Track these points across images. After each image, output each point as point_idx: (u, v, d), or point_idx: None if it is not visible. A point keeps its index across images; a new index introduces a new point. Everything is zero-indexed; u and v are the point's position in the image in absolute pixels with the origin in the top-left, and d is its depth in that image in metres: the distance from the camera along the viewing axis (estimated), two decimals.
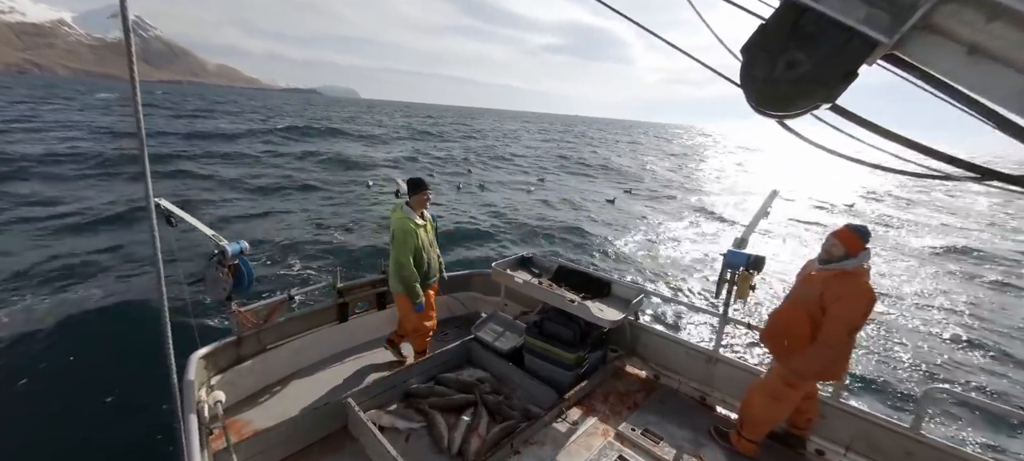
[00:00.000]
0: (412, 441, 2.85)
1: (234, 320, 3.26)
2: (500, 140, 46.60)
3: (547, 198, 18.02)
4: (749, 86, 1.08)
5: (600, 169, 29.45)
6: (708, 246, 12.66)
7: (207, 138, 29.04)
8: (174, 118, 42.08)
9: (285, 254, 9.53)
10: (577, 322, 3.28)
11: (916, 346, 7.03)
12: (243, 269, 3.09)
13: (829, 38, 0.96)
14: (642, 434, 2.96)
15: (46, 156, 18.21)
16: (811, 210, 19.03)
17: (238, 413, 3.10)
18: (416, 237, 3.46)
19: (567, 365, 3.26)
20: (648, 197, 20.56)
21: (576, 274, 3.91)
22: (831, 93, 1.00)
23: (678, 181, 27.04)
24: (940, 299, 9.15)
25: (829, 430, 2.91)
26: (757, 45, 1.06)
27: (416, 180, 3.56)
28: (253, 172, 18.88)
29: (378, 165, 23.33)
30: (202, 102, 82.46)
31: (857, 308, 2.34)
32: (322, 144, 30.21)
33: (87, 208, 12.02)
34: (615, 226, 14.33)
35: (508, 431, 2.84)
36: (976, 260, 12.38)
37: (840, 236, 2.44)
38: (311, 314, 3.84)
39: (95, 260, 8.68)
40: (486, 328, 3.87)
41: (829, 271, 2.45)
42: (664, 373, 3.66)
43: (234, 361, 3.30)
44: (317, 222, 12.26)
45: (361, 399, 2.96)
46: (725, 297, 3.19)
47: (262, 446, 2.59)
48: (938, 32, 0.90)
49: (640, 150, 49.82)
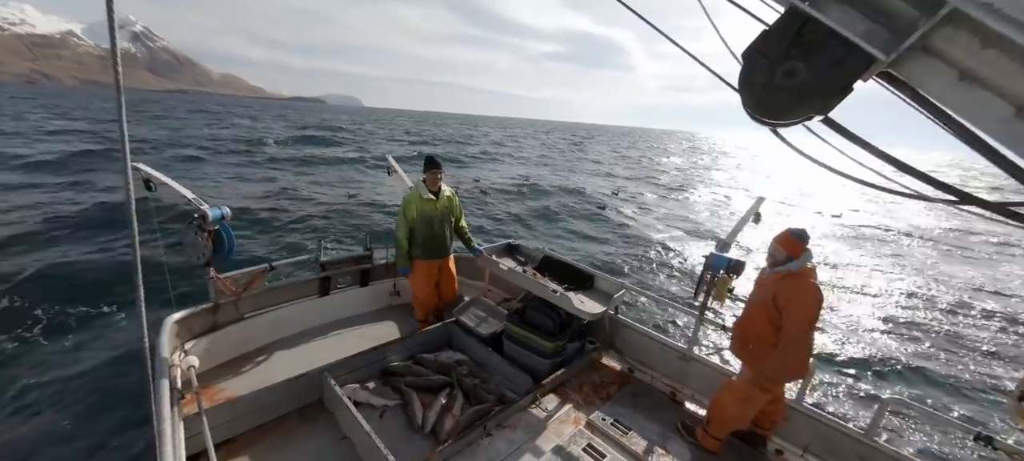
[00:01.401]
0: (386, 418, 2.87)
1: (212, 286, 3.19)
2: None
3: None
4: (747, 91, 1.09)
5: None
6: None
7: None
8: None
9: (269, 226, 9.34)
10: (558, 312, 3.32)
11: (885, 351, 7.35)
12: (224, 236, 3.01)
13: (829, 50, 0.97)
14: (612, 424, 3.04)
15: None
16: (804, 218, 19.41)
17: (212, 380, 3.06)
18: (415, 209, 3.68)
19: (545, 353, 3.30)
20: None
21: (561, 265, 3.94)
22: (826, 105, 1.02)
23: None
24: (920, 311, 9.50)
25: (789, 431, 3.03)
26: (758, 50, 1.06)
27: (429, 158, 3.77)
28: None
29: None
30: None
31: (809, 306, 2.51)
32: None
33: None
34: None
35: (482, 413, 2.87)
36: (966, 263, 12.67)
37: (780, 241, 2.64)
38: (292, 286, 3.79)
39: (69, 214, 8.36)
40: (468, 312, 3.88)
41: (777, 274, 2.62)
42: (639, 367, 3.74)
43: (210, 328, 3.24)
44: (308, 197, 12.03)
45: (338, 373, 2.95)
46: (703, 298, 3.26)
47: (234, 413, 2.56)
48: (933, 54, 0.91)
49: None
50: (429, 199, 3.69)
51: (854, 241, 15.62)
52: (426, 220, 3.70)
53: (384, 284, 4.41)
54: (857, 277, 11.54)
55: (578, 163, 33.91)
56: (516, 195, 17.31)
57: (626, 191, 21.94)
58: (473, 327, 3.71)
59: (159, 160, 18.39)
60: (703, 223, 16.39)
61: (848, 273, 11.91)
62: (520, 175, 22.42)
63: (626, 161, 39.61)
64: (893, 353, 7.60)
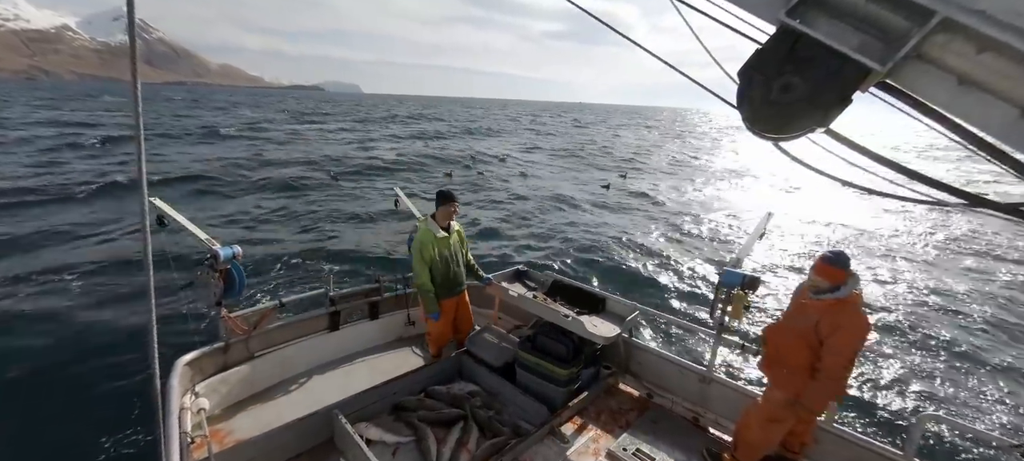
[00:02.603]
0: (400, 455, 2.80)
1: (223, 326, 3.20)
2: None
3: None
4: (746, 108, 1.10)
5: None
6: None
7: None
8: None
9: (277, 261, 9.45)
10: (571, 337, 3.26)
11: (915, 369, 7.04)
12: (235, 274, 3.06)
13: (824, 64, 0.98)
14: (634, 454, 2.92)
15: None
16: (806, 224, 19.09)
17: (222, 421, 3.03)
18: (433, 249, 3.55)
19: (560, 381, 3.22)
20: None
21: (571, 289, 3.90)
22: (825, 117, 1.02)
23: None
24: (945, 319, 9.13)
25: (821, 454, 2.89)
26: (754, 68, 1.08)
27: (443, 193, 3.67)
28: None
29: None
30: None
31: (855, 338, 2.38)
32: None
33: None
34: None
35: (498, 447, 2.79)
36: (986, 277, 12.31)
37: (820, 273, 2.45)
38: (302, 322, 3.79)
39: (83, 251, 8.55)
40: (479, 341, 3.83)
41: (823, 301, 2.45)
42: (657, 392, 3.63)
43: (221, 367, 3.23)
44: (311, 229, 12.21)
45: (348, 410, 2.90)
46: (719, 316, 3.19)
47: (244, 456, 2.52)
48: (929, 62, 0.92)
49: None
50: (443, 237, 3.61)
51: (854, 234, 15.32)
52: (443, 259, 3.61)
53: (395, 316, 4.39)
54: (875, 275, 11.20)
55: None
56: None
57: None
58: (484, 356, 3.65)
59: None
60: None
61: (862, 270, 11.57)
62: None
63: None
64: (926, 364, 7.28)
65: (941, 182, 1.00)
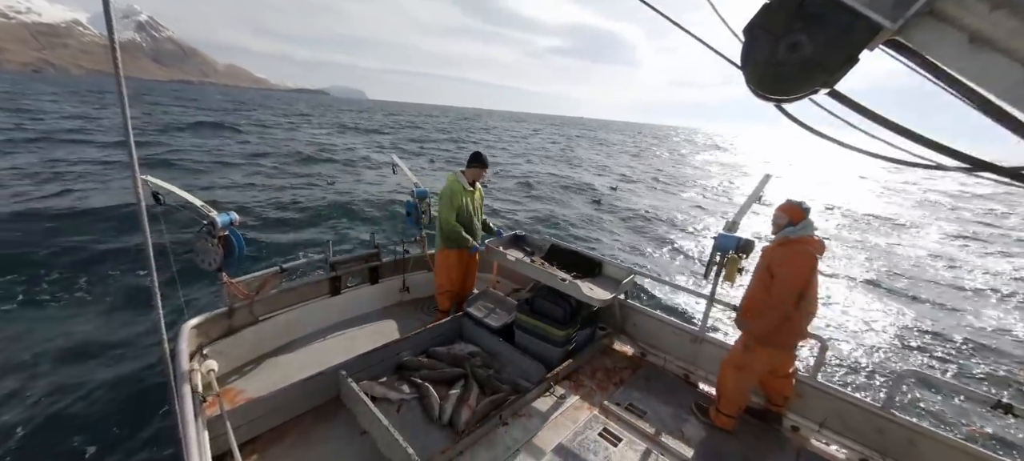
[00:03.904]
0: (404, 411, 2.92)
1: (225, 291, 3.24)
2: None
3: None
4: (749, 68, 1.07)
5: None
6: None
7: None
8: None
9: (277, 226, 9.44)
10: (568, 300, 3.33)
11: (898, 329, 7.27)
12: (234, 240, 3.06)
13: (833, 21, 0.94)
14: (626, 409, 3.06)
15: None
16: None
17: (230, 383, 3.13)
18: (462, 198, 3.79)
19: (556, 342, 3.32)
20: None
21: (568, 253, 3.94)
22: (831, 77, 0.99)
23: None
24: (928, 289, 9.37)
25: (804, 407, 3.03)
26: (760, 25, 1.04)
27: (478, 154, 3.91)
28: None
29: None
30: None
31: (798, 269, 2.54)
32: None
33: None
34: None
35: (497, 403, 2.91)
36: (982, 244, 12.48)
37: (782, 208, 2.70)
38: (303, 287, 3.84)
39: (83, 233, 8.52)
40: (478, 304, 3.91)
41: (776, 240, 2.68)
42: (651, 351, 3.75)
43: (226, 332, 3.30)
44: (313, 197, 12.12)
45: (354, 370, 3.00)
46: (713, 279, 3.25)
47: (255, 413, 2.62)
48: (941, 18, 0.89)
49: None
50: (470, 190, 3.84)
51: (854, 223, 15.44)
52: (466, 212, 3.84)
53: (393, 281, 4.46)
54: (862, 254, 11.38)
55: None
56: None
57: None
58: (483, 318, 3.74)
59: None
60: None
61: (853, 251, 11.75)
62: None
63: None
64: (908, 324, 7.51)
65: (943, 145, 0.99)
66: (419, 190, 4.28)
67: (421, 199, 4.29)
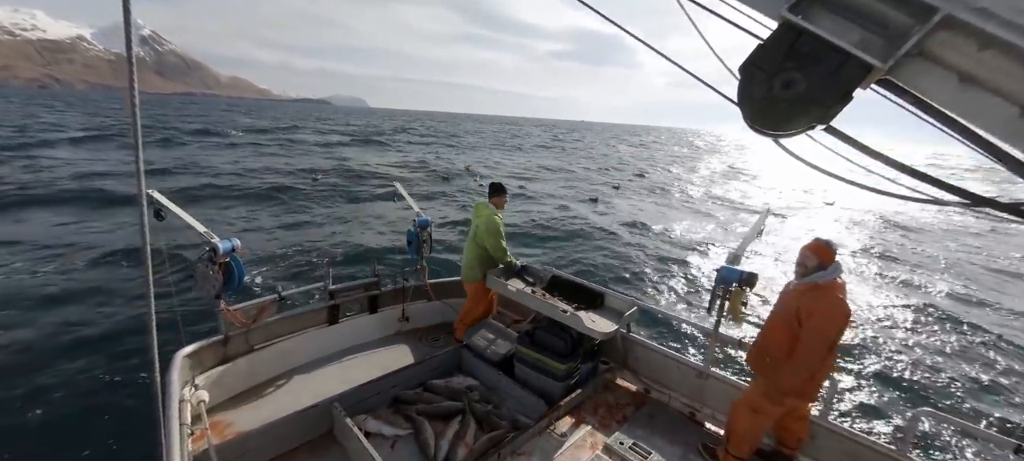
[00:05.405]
0: (398, 448, 2.81)
1: (222, 319, 3.20)
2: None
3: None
4: (746, 104, 1.10)
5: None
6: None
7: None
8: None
9: (277, 255, 9.44)
10: (569, 333, 3.27)
11: (912, 364, 7.07)
12: (234, 267, 3.04)
13: (825, 60, 0.97)
14: (630, 448, 2.94)
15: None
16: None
17: (222, 413, 3.04)
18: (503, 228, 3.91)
19: (558, 375, 3.24)
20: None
21: (569, 284, 3.90)
22: (826, 114, 1.02)
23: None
24: (938, 314, 9.18)
25: (817, 450, 2.91)
26: (755, 64, 1.07)
27: (497, 185, 4.06)
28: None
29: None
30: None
31: (831, 322, 2.41)
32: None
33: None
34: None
35: (496, 441, 2.81)
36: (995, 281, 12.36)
37: (811, 248, 2.55)
38: (301, 315, 3.79)
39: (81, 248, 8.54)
40: (478, 335, 3.84)
41: (804, 285, 2.53)
42: (655, 387, 3.65)
43: (220, 360, 3.24)
44: (311, 223, 12.20)
45: (348, 403, 2.91)
46: (717, 313, 3.20)
47: (245, 447, 2.53)
48: (931, 59, 0.91)
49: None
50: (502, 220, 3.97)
51: (854, 230, 15.41)
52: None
53: (393, 310, 4.40)
54: (871, 274, 11.24)
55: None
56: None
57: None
58: (483, 350, 3.67)
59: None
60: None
61: (860, 268, 11.63)
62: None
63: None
64: (922, 361, 7.31)
65: (942, 181, 1.00)
66: (421, 219, 4.29)
67: (422, 228, 4.30)
